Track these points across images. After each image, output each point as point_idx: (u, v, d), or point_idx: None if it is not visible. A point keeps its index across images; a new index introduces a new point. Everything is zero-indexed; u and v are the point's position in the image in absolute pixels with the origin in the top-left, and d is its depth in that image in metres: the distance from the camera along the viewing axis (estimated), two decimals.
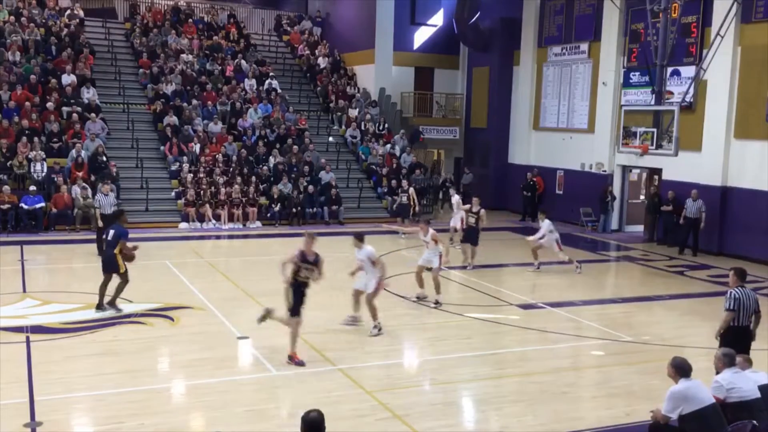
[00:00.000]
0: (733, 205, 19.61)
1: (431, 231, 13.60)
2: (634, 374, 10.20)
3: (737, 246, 19.19)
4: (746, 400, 7.09)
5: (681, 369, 7.00)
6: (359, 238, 11.83)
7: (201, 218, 21.68)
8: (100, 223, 17.35)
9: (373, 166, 25.88)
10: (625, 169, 23.61)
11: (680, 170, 20.62)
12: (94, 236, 19.84)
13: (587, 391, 9.75)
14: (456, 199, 20.02)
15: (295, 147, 25.09)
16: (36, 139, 21.67)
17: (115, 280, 12.45)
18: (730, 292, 9.11)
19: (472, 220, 17.24)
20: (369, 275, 11.71)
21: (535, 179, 25.81)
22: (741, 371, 7.33)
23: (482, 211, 17.22)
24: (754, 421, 6.82)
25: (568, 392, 9.53)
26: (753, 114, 19.03)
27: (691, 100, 20.39)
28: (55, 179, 20.73)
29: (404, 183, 24.15)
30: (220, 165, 23.41)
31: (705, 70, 19.45)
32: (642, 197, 24.32)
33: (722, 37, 18.84)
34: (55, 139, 22.30)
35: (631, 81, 22.87)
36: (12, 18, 26.26)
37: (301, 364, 9.97)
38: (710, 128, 20.08)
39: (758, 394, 7.16)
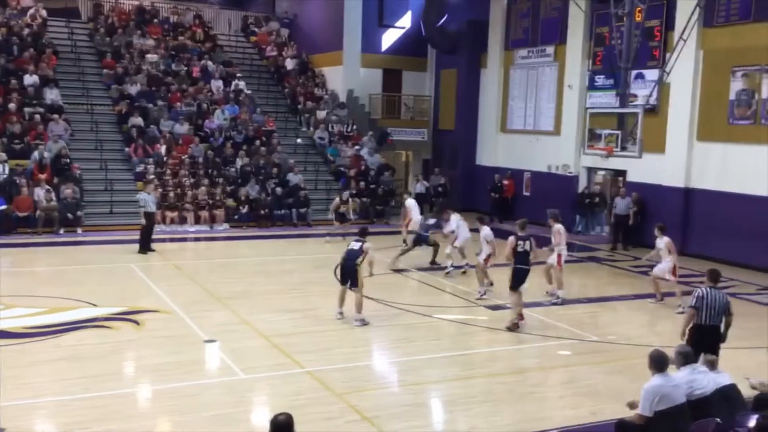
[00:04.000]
0: (695, 207, 19.94)
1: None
2: (600, 374, 10.32)
3: (700, 246, 19.50)
4: (705, 396, 7.19)
5: (657, 363, 7.00)
6: (481, 220, 15.70)
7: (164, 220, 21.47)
8: (144, 221, 17.95)
9: (341, 168, 25.83)
10: (591, 171, 23.89)
11: (644, 172, 20.91)
12: (58, 239, 19.63)
13: (554, 390, 9.84)
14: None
15: (263, 149, 24.97)
16: None
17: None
18: (696, 290, 9.25)
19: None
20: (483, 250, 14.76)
21: (505, 182, 25.92)
22: (697, 368, 7.40)
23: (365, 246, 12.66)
24: (718, 419, 6.92)
25: (536, 392, 9.62)
26: (715, 116, 19.38)
27: (655, 102, 20.68)
28: (18, 181, 20.35)
29: (345, 194, 22.38)
30: (187, 167, 23.19)
31: (668, 74, 19.76)
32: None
33: (685, 41, 19.16)
34: (16, 141, 21.89)
35: (596, 84, 23.13)
36: None
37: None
38: (673, 130, 20.39)
39: (714, 388, 7.25)
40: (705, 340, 8.95)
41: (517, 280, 12.39)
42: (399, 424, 8.33)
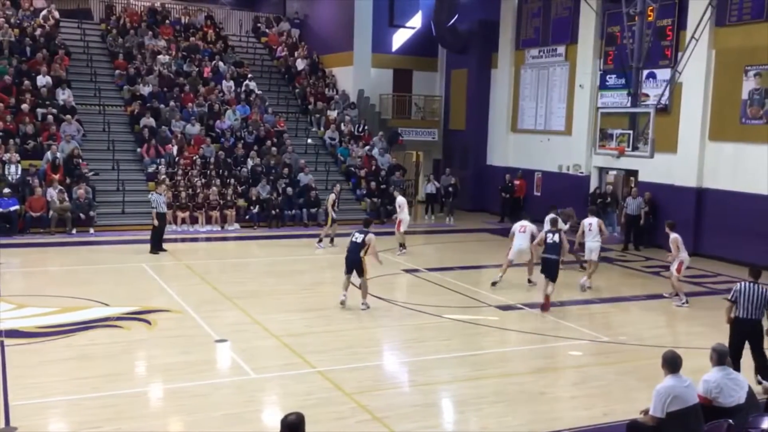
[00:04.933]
0: (707, 207, 19.83)
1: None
2: (611, 374, 10.28)
3: (712, 247, 19.40)
4: (732, 406, 7.10)
5: (669, 364, 6.94)
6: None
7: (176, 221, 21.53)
8: (156, 222, 18.07)
9: (352, 168, 25.85)
10: (602, 171, 23.80)
11: (656, 172, 20.82)
12: (71, 239, 19.74)
13: (566, 391, 9.80)
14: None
15: (274, 149, 25.01)
16: (10, 141, 21.40)
17: None
18: (735, 285, 9.72)
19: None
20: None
21: (516, 182, 25.88)
22: (730, 374, 7.25)
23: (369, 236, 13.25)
24: (730, 420, 6.86)
25: (547, 393, 9.58)
26: (728, 116, 19.27)
27: (667, 102, 20.58)
28: (31, 181, 20.47)
29: (337, 188, 21.19)
30: (198, 167, 23.26)
31: (680, 73, 19.65)
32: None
33: (697, 40, 19.05)
34: (29, 141, 22.02)
35: (607, 83, 23.05)
36: None
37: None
38: (685, 130, 20.29)
39: (743, 401, 7.14)
40: (745, 335, 9.38)
41: (546, 269, 13.58)
42: (410, 424, 8.32)
